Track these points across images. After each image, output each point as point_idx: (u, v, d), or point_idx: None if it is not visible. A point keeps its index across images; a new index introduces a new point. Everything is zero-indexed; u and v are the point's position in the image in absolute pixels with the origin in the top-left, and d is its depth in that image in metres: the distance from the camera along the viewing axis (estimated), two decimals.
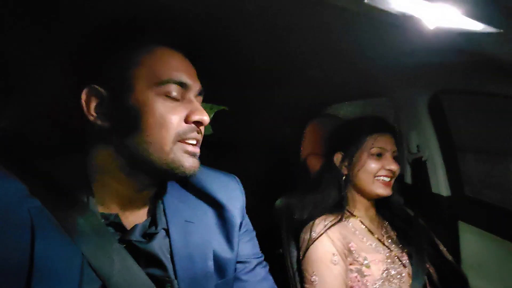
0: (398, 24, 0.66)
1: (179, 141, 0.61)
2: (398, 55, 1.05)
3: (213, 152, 0.80)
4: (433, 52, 0.95)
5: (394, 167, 1.06)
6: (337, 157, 1.14)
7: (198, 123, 0.63)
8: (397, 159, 1.11)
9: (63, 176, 0.61)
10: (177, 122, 0.60)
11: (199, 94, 0.66)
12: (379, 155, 1.08)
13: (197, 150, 0.64)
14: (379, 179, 1.07)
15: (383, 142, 1.08)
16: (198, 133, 0.63)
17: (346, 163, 1.11)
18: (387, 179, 1.07)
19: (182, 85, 0.62)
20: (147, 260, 0.62)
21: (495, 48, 0.72)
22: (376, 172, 1.07)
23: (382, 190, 1.06)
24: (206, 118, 0.63)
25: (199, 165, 0.64)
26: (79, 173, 0.62)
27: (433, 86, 1.30)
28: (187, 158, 0.61)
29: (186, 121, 0.62)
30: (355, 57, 1.15)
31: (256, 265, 0.78)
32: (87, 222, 0.58)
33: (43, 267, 0.52)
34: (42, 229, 0.54)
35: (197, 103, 0.64)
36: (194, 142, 0.63)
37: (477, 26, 0.61)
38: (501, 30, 0.61)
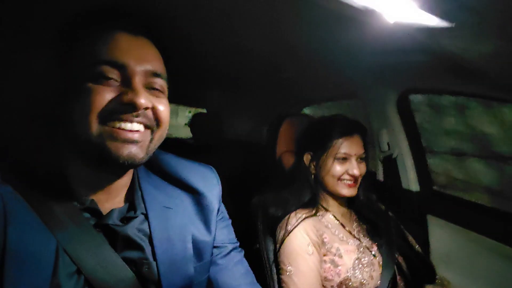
0: (362, 19, 0.70)
1: (108, 125, 0.56)
2: (365, 55, 1.10)
3: (191, 153, 0.81)
4: (397, 52, 1.01)
5: (356, 172, 1.09)
6: (307, 157, 1.18)
7: (130, 106, 0.56)
8: (365, 159, 1.14)
9: (36, 163, 0.61)
10: (103, 103, 0.55)
11: (155, 76, 0.61)
12: (344, 159, 1.11)
13: (133, 136, 0.57)
14: (343, 182, 1.10)
15: (348, 147, 1.11)
16: (135, 116, 0.57)
17: (314, 164, 1.15)
18: (351, 182, 1.10)
19: (117, 65, 0.57)
20: (125, 243, 0.63)
21: (450, 43, 0.77)
22: (340, 175, 1.10)
23: (346, 191, 1.10)
24: (140, 101, 0.56)
25: (142, 152, 0.59)
26: (52, 160, 0.62)
27: (400, 85, 1.36)
28: (117, 145, 0.56)
29: (118, 103, 0.56)
30: (324, 58, 1.19)
31: (231, 250, 0.80)
32: (61, 208, 0.58)
33: (17, 252, 0.52)
34: (15, 214, 0.54)
35: (136, 84, 0.58)
36: (133, 127, 0.58)
37: (433, 21, 0.66)
38: (453, 24, 0.66)
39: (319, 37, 0.95)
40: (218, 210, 0.79)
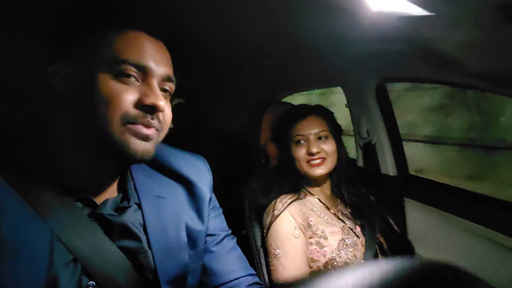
0: (346, 6, 0.72)
1: (130, 124, 0.58)
2: (347, 43, 1.13)
3: (175, 143, 0.81)
4: (378, 40, 1.04)
5: (314, 149, 1.12)
6: (280, 150, 1.24)
7: (151, 108, 0.59)
8: (330, 138, 1.17)
9: (26, 153, 0.60)
10: (126, 104, 0.57)
11: (168, 80, 0.64)
12: (303, 141, 1.15)
13: (149, 132, 0.60)
14: (310, 163, 1.14)
15: (302, 128, 1.16)
16: (152, 119, 0.60)
17: (286, 155, 1.20)
18: (316, 161, 1.13)
19: (140, 67, 0.59)
20: (120, 233, 0.63)
21: (429, 32, 0.81)
22: (303, 157, 1.14)
23: (313, 172, 1.13)
24: (161, 103, 0.59)
25: (152, 149, 0.62)
26: (43, 150, 0.61)
27: (379, 74, 1.41)
28: (135, 141, 0.58)
29: (139, 105, 0.58)
30: (308, 45, 1.21)
31: (224, 237, 0.81)
32: (54, 198, 0.58)
33: (11, 243, 0.52)
34: (7, 205, 0.54)
35: (155, 87, 0.60)
36: (149, 125, 0.60)
37: (414, 10, 0.69)
38: (433, 14, 0.70)
39: (303, 24, 0.96)
40: (210, 199, 0.80)
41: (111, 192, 0.67)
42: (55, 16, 0.62)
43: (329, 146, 1.15)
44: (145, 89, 0.59)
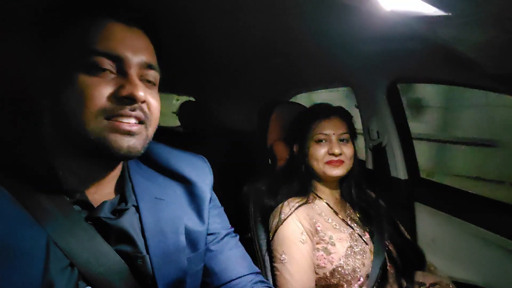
0: (358, 6, 0.69)
1: (109, 119, 0.55)
2: (358, 42, 1.09)
3: (180, 141, 0.79)
4: (390, 39, 1.01)
5: (337, 150, 1.10)
6: (296, 148, 1.21)
7: (129, 100, 0.56)
8: (350, 141, 1.15)
9: (20, 155, 0.59)
10: (101, 97, 0.54)
11: (148, 68, 0.61)
12: (323, 140, 1.13)
13: (133, 128, 0.57)
14: (328, 162, 1.11)
15: (325, 128, 1.13)
16: (133, 110, 0.57)
17: (301, 153, 1.18)
18: (335, 162, 1.11)
19: (113, 57, 0.56)
20: (117, 236, 0.61)
21: (445, 32, 0.77)
22: (323, 157, 1.12)
23: (331, 171, 1.11)
24: (139, 94, 0.56)
25: (139, 145, 0.59)
26: (37, 151, 0.60)
27: (391, 74, 1.37)
28: (116, 137, 0.56)
29: (116, 97, 0.55)
30: (318, 44, 1.18)
31: (225, 235, 0.79)
32: (50, 201, 0.56)
33: (5, 248, 0.50)
34: (2, 209, 0.52)
35: (132, 77, 0.57)
36: (130, 120, 0.57)
37: (429, 9, 0.65)
38: (450, 14, 0.66)
39: (314, 22, 0.93)
40: (210, 198, 0.78)
41: (109, 194, 0.65)
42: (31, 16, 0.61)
43: (348, 150, 1.13)
44: (121, 80, 0.56)
